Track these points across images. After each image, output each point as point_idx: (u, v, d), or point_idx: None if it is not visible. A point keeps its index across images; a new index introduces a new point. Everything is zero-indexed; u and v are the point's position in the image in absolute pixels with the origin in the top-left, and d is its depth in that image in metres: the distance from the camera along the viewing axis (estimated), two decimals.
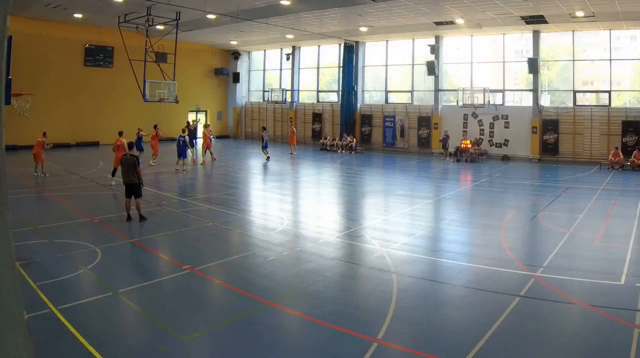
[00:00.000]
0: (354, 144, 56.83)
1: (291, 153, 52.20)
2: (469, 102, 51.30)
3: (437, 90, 55.09)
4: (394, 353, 11.15)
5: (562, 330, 12.11)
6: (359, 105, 61.63)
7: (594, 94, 50.02)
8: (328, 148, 58.26)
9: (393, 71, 60.97)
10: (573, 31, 48.00)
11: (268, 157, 47.08)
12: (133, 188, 22.47)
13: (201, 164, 41.58)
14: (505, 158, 50.54)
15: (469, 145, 49.84)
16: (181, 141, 37.72)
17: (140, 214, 22.61)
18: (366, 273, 16.27)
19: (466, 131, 53.36)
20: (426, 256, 18.16)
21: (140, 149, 40.84)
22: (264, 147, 47.75)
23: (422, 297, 14.24)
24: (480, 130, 52.82)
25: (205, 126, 50.02)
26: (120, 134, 32.01)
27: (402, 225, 23.50)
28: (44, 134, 34.83)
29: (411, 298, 14.09)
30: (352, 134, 58.98)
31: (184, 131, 38.89)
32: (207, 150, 44.65)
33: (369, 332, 11.69)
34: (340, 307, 13.46)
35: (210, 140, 45.59)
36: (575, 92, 49.10)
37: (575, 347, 11.26)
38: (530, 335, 11.71)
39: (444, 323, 12.57)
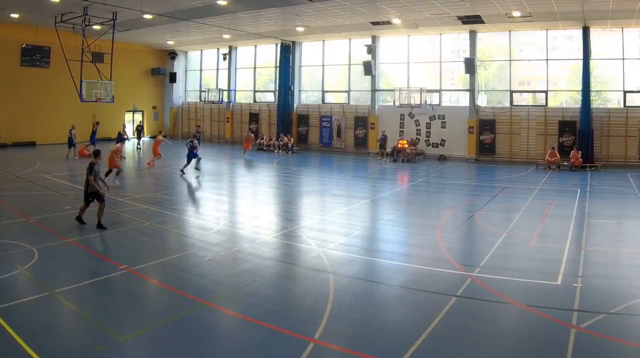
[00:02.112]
0: (290, 144, 56.81)
1: (244, 156, 51.34)
2: (406, 102, 51.59)
3: (373, 90, 55.38)
4: (330, 353, 11.16)
5: (499, 330, 12.19)
6: (295, 105, 61.74)
7: (530, 94, 50.88)
8: (265, 148, 58.07)
9: (330, 71, 61.22)
10: (510, 31, 48.70)
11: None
12: (86, 195, 21.71)
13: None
14: (442, 158, 50.99)
15: (406, 145, 50.05)
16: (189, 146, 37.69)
17: (98, 220, 21.34)
18: (303, 273, 16.27)
19: (403, 131, 53.68)
20: (363, 256, 18.16)
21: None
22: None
23: (359, 297, 14.21)
24: (417, 130, 53.17)
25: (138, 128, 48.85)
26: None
27: (338, 225, 23.50)
28: None
29: (348, 298, 14.06)
30: (289, 134, 58.91)
31: (195, 138, 38.54)
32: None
33: (306, 332, 11.72)
34: (277, 306, 13.47)
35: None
36: (512, 92, 49.88)
37: (513, 347, 11.29)
38: (467, 335, 11.76)
39: (380, 323, 12.55)
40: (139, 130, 59.87)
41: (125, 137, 48.56)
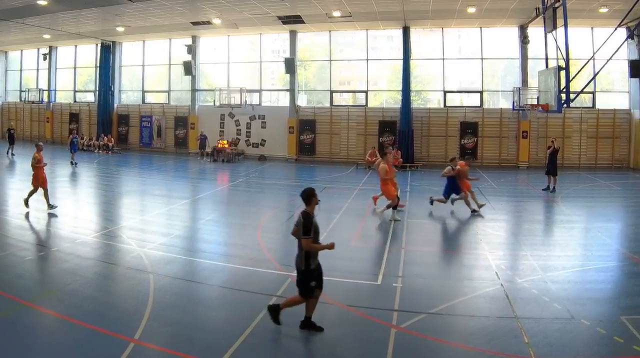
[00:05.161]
0: (111, 144, 56.09)
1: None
2: (226, 102, 51.70)
3: (194, 90, 55.32)
4: (150, 353, 11.12)
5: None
6: (115, 105, 60.92)
7: (351, 94, 51.99)
8: (85, 148, 56.81)
9: (150, 71, 60.82)
10: (330, 31, 49.61)
11: (75, 163, 44.17)
12: (306, 276, 12.35)
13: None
14: (262, 158, 51.39)
15: (226, 145, 50.09)
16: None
17: (306, 319, 12.26)
18: (123, 273, 16.13)
19: (223, 131, 53.87)
20: (183, 256, 18.18)
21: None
22: (73, 151, 45.39)
23: (180, 297, 14.25)
24: (237, 130, 53.54)
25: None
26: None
27: (159, 225, 23.46)
28: None
29: (168, 298, 14.07)
30: (109, 134, 58.04)
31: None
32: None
33: (126, 332, 11.64)
34: (97, 307, 13.34)
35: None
36: (332, 92, 50.91)
37: (333, 346, 11.44)
38: (287, 335, 11.81)
39: (201, 323, 12.53)
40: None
41: None
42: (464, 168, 26.05)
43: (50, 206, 24.68)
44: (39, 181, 24.99)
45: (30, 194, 24.96)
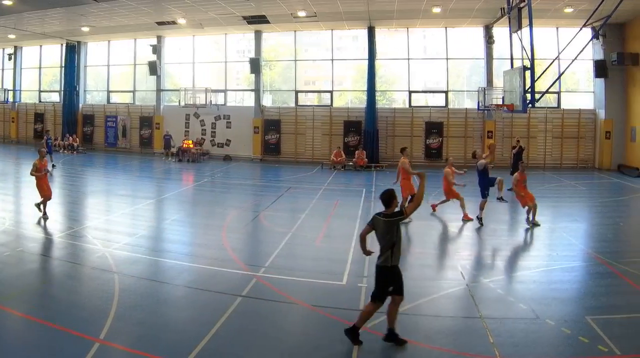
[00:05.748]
0: (76, 144, 55.63)
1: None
2: (191, 102, 51.47)
3: (159, 90, 54.95)
4: (116, 353, 11.06)
5: (284, 330, 12.25)
6: (81, 105, 60.26)
7: (316, 94, 51.94)
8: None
9: (115, 71, 60.32)
10: (295, 31, 49.50)
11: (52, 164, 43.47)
12: (388, 278, 12.02)
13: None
14: (227, 158, 51.19)
15: (191, 145, 49.94)
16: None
17: (389, 331, 11.62)
18: (88, 273, 16.06)
19: (188, 131, 53.61)
20: (148, 256, 18.09)
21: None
22: (50, 153, 44.44)
23: (145, 297, 14.17)
24: (202, 130, 53.26)
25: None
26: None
27: (124, 225, 23.34)
28: None
29: (133, 298, 13.99)
30: (74, 134, 57.55)
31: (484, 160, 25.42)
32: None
33: (91, 332, 11.59)
34: (62, 307, 13.25)
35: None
36: (297, 92, 50.73)
37: (298, 346, 11.40)
38: (252, 335, 11.77)
39: (166, 323, 12.51)
40: None
41: None
42: (520, 176, 24.16)
43: (38, 206, 24.25)
44: (44, 190, 24.48)
45: (41, 203, 24.00)
